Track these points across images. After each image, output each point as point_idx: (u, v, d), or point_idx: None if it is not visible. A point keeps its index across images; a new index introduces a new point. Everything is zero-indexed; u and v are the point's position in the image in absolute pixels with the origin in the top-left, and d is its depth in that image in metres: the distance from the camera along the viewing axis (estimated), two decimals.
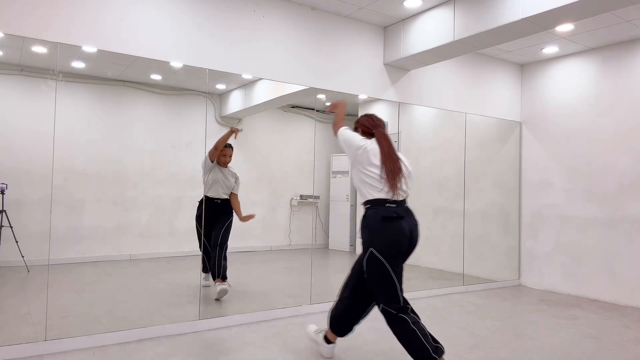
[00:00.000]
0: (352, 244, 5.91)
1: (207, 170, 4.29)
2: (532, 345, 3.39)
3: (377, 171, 2.61)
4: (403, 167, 2.68)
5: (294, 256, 5.34)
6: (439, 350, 2.56)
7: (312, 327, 3.13)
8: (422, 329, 2.57)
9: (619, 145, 4.83)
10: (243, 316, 3.74)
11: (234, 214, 4.39)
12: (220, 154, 4.32)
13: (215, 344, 3.23)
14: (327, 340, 2.98)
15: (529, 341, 3.49)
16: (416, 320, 2.59)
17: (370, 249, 2.58)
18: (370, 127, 2.83)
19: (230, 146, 4.38)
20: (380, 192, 2.61)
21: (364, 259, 2.63)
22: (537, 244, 5.53)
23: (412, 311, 2.64)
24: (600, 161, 4.98)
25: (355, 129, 2.90)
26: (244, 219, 4.36)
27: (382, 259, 2.55)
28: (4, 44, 3.58)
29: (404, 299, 2.63)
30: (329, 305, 4.22)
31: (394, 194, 2.60)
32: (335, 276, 5.39)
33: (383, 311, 2.63)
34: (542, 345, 3.41)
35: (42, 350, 2.95)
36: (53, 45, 3.17)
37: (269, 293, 4.50)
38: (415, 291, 4.82)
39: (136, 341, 3.23)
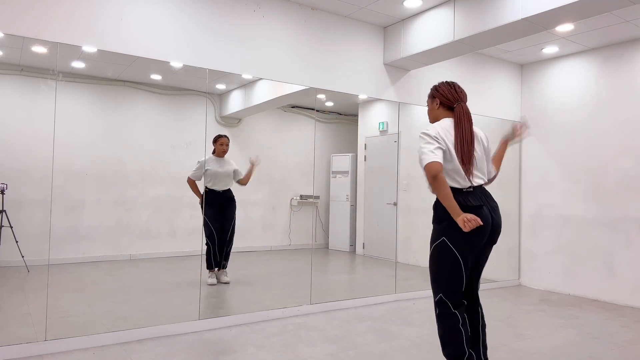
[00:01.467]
0: (352, 244, 5.90)
1: (200, 173, 4.51)
2: (532, 346, 3.39)
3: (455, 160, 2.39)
4: (477, 149, 2.48)
5: (294, 256, 5.34)
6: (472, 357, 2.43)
7: None
8: (467, 332, 2.43)
9: (619, 145, 4.83)
10: (243, 316, 3.75)
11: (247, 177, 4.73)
12: (218, 144, 4.56)
13: (215, 344, 3.23)
14: None
15: (529, 341, 3.49)
16: (465, 321, 2.44)
17: (443, 237, 2.41)
18: (452, 100, 2.50)
19: (226, 136, 4.58)
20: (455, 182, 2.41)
21: (434, 245, 2.45)
22: (537, 244, 5.53)
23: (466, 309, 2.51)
24: (600, 161, 4.98)
25: (433, 97, 2.58)
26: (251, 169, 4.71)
27: (455, 251, 2.38)
28: (4, 44, 3.58)
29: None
30: (328, 305, 4.24)
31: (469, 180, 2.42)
32: (334, 276, 5.39)
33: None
34: (542, 345, 3.41)
35: (43, 350, 2.95)
36: (53, 45, 3.17)
37: (269, 293, 4.50)
38: (416, 291, 4.82)
39: (136, 341, 3.23)
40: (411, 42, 4.43)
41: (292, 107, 5.49)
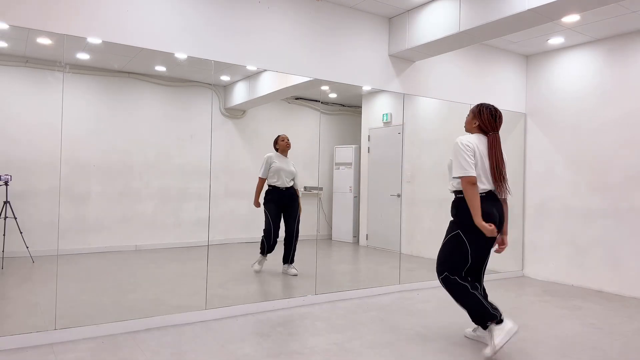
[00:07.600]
0: (355, 235, 5.93)
1: (267, 167, 4.74)
2: (535, 336, 3.41)
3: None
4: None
5: (298, 247, 5.37)
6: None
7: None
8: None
9: (624, 137, 4.82)
10: (249, 306, 3.78)
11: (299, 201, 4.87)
12: (280, 141, 4.81)
13: (221, 333, 3.27)
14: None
15: (533, 332, 3.52)
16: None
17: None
18: (489, 129, 3.05)
19: (285, 135, 4.85)
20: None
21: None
22: (541, 235, 5.54)
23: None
24: (605, 152, 4.97)
25: (474, 117, 3.09)
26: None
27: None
28: (10, 35, 3.59)
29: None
30: (333, 296, 4.27)
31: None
32: (339, 267, 5.42)
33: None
34: (546, 336, 3.44)
35: (52, 339, 2.99)
36: (58, 37, 3.17)
37: (274, 283, 4.54)
38: (419, 282, 4.85)
39: (144, 330, 3.27)
40: (416, 33, 4.42)
41: (296, 99, 5.49)
